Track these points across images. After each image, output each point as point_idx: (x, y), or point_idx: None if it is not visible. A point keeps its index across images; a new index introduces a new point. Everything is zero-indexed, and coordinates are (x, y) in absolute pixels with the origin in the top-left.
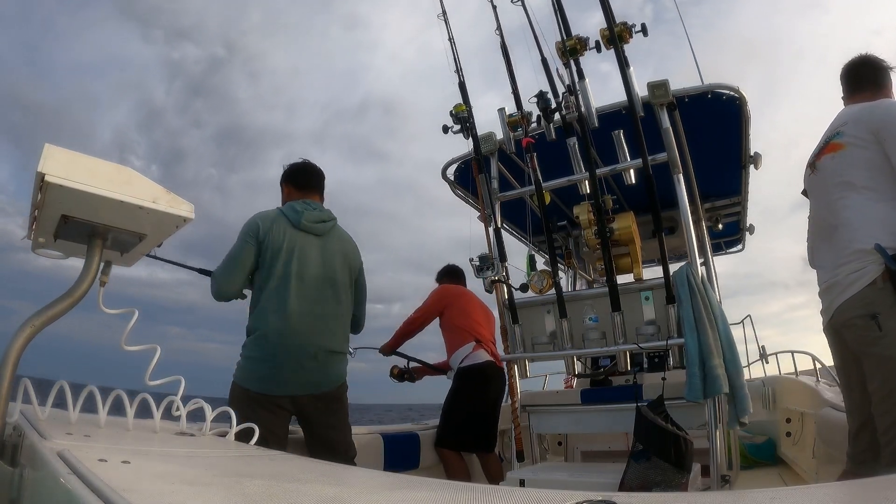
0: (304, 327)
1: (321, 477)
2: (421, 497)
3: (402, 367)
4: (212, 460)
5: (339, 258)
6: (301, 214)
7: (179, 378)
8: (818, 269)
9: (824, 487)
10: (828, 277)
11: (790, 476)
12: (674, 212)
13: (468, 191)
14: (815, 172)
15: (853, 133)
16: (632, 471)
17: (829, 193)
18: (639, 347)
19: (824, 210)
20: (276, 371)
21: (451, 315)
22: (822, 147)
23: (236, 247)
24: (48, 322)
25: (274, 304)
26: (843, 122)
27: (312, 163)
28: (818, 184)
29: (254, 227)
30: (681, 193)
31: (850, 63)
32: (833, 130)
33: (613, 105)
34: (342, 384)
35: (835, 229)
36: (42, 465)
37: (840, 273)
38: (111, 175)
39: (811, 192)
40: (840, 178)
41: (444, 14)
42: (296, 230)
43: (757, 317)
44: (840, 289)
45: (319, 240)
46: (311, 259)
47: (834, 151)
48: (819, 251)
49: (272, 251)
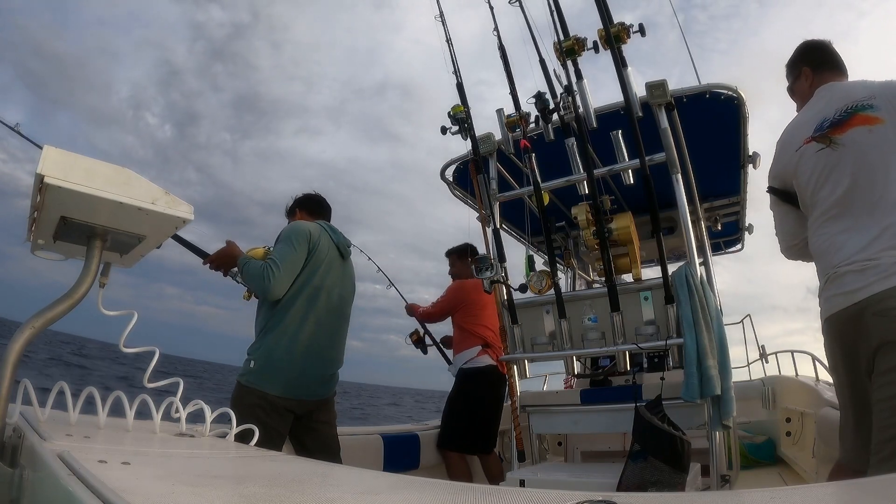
0: (327, 339)
1: (321, 478)
2: (421, 498)
3: (420, 336)
4: (212, 461)
5: (351, 283)
6: (338, 234)
7: (178, 380)
8: (835, 252)
9: (824, 487)
10: (860, 257)
11: (790, 476)
12: (672, 212)
13: (467, 191)
14: (833, 147)
15: (889, 108)
16: (629, 471)
17: (870, 168)
18: (638, 347)
19: (858, 189)
20: (299, 377)
21: (463, 316)
22: (845, 118)
23: (295, 250)
24: (48, 323)
25: (304, 310)
26: (868, 94)
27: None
28: (844, 159)
29: (306, 233)
30: (679, 193)
31: (821, 41)
32: (855, 101)
33: (612, 105)
34: (335, 390)
35: (876, 209)
36: (42, 467)
37: (883, 256)
38: (110, 176)
39: (825, 169)
40: (887, 152)
41: (441, 15)
42: (334, 246)
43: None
44: (882, 273)
45: (344, 262)
46: (337, 277)
47: (870, 124)
48: (839, 229)
49: (315, 261)
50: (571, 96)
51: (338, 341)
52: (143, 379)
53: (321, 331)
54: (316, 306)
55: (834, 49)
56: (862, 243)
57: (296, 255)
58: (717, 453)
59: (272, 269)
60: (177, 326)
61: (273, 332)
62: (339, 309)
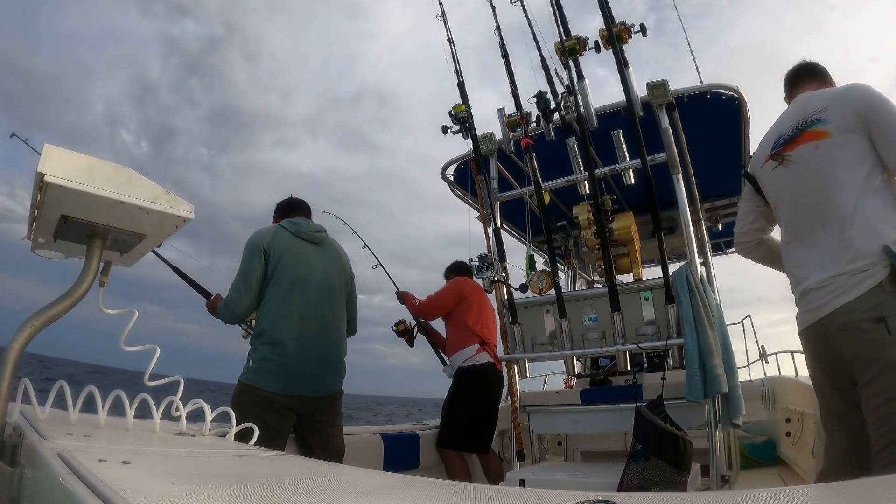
0: (312, 331)
1: (321, 477)
2: (421, 497)
3: (408, 327)
4: (212, 460)
5: (336, 266)
6: (299, 225)
7: (179, 378)
8: (796, 269)
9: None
10: (819, 275)
11: (790, 476)
12: (673, 212)
13: (468, 191)
14: (785, 164)
15: (839, 119)
16: (630, 471)
17: (815, 187)
18: (638, 347)
19: (809, 205)
20: (292, 372)
21: (461, 312)
22: (795, 135)
23: (244, 264)
24: (48, 322)
25: (284, 308)
26: (820, 106)
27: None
28: (795, 177)
29: (256, 242)
30: (680, 193)
31: (795, 66)
32: (807, 117)
33: (613, 105)
34: (341, 388)
35: (826, 224)
36: (42, 466)
37: (838, 272)
38: (110, 175)
39: (782, 187)
40: (830, 169)
41: (443, 14)
42: (296, 238)
43: (738, 334)
44: (839, 289)
45: (318, 248)
46: (312, 265)
47: (816, 140)
48: (798, 249)
49: (277, 258)
50: (573, 96)
51: (331, 328)
52: (144, 377)
53: (308, 322)
54: (294, 300)
55: (817, 64)
56: (819, 261)
57: (247, 267)
58: (717, 453)
59: (229, 295)
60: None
61: (262, 335)
62: (324, 295)
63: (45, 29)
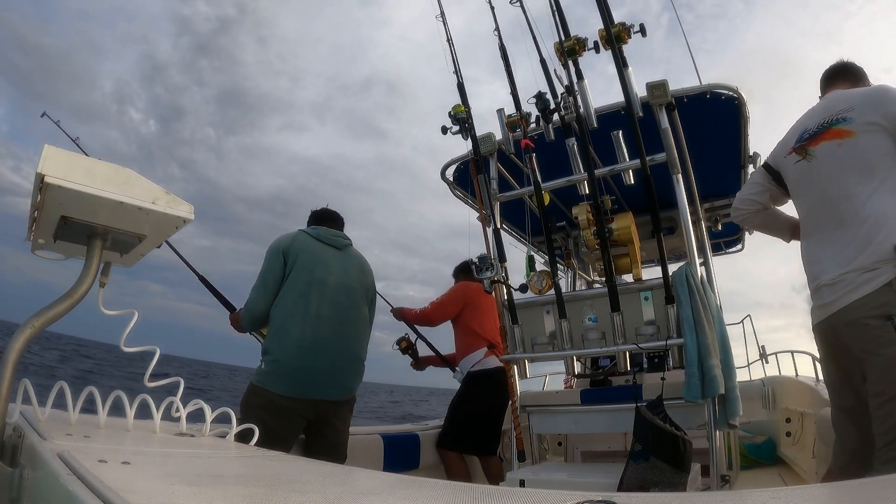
0: (332, 330)
1: (321, 478)
2: (422, 498)
3: (410, 343)
4: (212, 461)
5: (356, 271)
6: (320, 230)
7: (179, 379)
8: (812, 265)
9: (824, 487)
10: (832, 272)
11: (790, 476)
12: (673, 212)
13: (467, 191)
14: (808, 159)
15: (864, 119)
16: (630, 471)
17: (835, 185)
18: (638, 348)
19: (827, 202)
20: (304, 374)
21: (468, 316)
22: (819, 132)
23: (264, 267)
24: (48, 323)
25: (300, 307)
26: (846, 106)
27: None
28: (816, 172)
29: (277, 245)
30: (680, 194)
31: (833, 65)
32: (833, 115)
33: (612, 105)
34: (354, 395)
35: (843, 222)
36: (42, 466)
37: (850, 269)
38: (110, 176)
39: (802, 181)
40: (851, 168)
41: (442, 16)
42: (316, 241)
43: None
44: (850, 285)
45: (339, 252)
46: (331, 268)
47: (839, 138)
48: (815, 244)
49: (295, 259)
50: (573, 96)
51: (347, 330)
52: (144, 378)
53: (322, 323)
54: (311, 300)
55: (854, 64)
56: (833, 257)
57: (266, 270)
58: (717, 453)
59: (248, 297)
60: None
61: (273, 335)
62: (343, 296)
63: (56, 4)
